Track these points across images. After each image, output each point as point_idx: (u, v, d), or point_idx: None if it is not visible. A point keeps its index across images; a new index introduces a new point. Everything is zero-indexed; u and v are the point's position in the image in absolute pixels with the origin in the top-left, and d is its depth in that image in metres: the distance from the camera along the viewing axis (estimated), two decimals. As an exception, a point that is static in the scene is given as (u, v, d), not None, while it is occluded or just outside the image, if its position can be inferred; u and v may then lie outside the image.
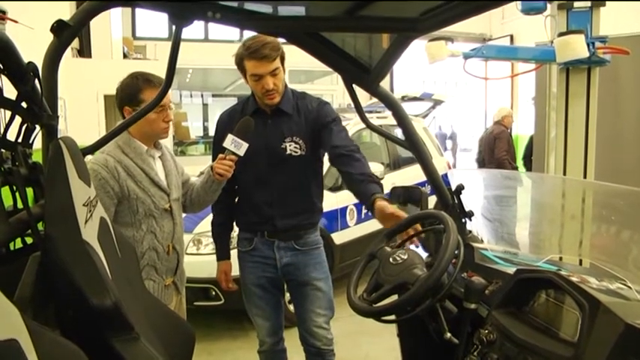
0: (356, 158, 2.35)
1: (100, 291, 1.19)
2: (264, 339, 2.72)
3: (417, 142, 2.10)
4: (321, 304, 2.61)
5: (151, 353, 1.28)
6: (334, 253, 4.85)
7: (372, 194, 2.15)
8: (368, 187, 2.21)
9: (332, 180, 5.01)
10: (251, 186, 2.55)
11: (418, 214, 1.86)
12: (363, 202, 2.22)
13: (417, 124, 6.15)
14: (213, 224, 2.74)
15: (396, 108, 2.04)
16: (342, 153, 2.38)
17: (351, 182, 2.35)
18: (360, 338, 4.10)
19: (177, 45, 1.53)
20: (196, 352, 1.69)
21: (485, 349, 1.56)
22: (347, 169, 2.35)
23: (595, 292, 1.38)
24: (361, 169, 2.31)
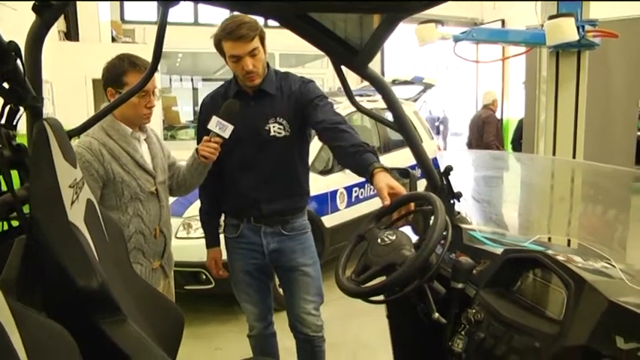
0: (342, 129, 2.25)
1: (86, 273, 1.19)
2: (253, 324, 2.73)
3: (405, 123, 2.09)
4: (310, 290, 2.60)
5: (138, 335, 1.28)
6: (325, 237, 4.85)
7: (369, 164, 2.00)
8: (363, 158, 2.06)
9: (322, 163, 5.01)
10: (236, 170, 2.52)
11: (406, 195, 1.85)
12: (361, 174, 2.07)
13: (408, 108, 6.15)
14: (201, 212, 2.72)
15: (384, 90, 2.03)
16: (326, 127, 2.30)
17: (343, 156, 2.23)
18: (350, 320, 4.12)
19: (163, 26, 1.51)
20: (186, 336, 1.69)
21: (473, 328, 1.57)
22: (337, 143, 2.25)
23: (580, 271, 1.39)
24: (351, 140, 2.18)
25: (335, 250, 4.84)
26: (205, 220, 2.71)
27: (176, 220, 3.96)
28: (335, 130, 2.27)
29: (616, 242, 1.71)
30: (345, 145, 2.19)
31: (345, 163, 2.28)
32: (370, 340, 3.84)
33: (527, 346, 1.37)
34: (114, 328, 1.22)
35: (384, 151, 5.96)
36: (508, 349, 1.42)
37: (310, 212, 3.90)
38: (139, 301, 1.56)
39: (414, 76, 7.24)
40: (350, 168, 2.22)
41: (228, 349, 3.80)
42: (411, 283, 1.56)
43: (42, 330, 0.96)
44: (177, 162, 2.52)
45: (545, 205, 2.24)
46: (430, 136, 7.15)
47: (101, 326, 1.20)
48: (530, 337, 1.38)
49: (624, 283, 1.36)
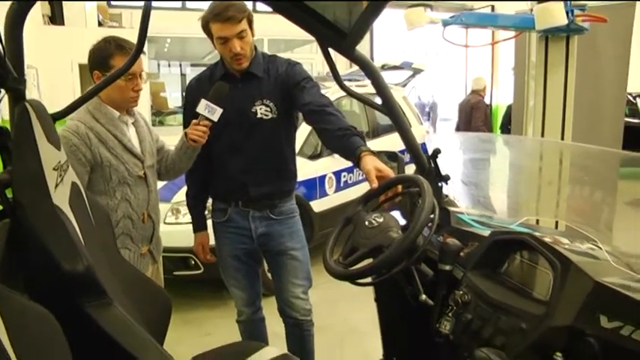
0: (329, 112, 2.25)
1: (71, 256, 1.18)
2: (241, 309, 2.73)
3: (393, 107, 2.08)
4: (298, 274, 2.60)
5: (124, 318, 1.27)
6: (313, 222, 4.86)
7: (356, 148, 2.01)
8: (350, 142, 2.07)
9: (311, 148, 5.00)
10: (223, 154, 2.51)
11: (394, 177, 1.85)
12: (348, 158, 2.08)
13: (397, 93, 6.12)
14: (188, 196, 2.71)
15: (372, 73, 2.02)
16: (313, 109, 2.30)
17: (329, 140, 2.24)
18: (339, 304, 4.14)
19: (148, 10, 1.49)
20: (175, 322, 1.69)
21: (460, 310, 1.58)
22: (322, 126, 2.25)
23: (567, 252, 1.40)
24: (338, 123, 2.19)
25: (324, 235, 4.85)
26: (192, 204, 2.70)
27: (164, 206, 3.94)
28: (321, 113, 2.27)
29: (603, 224, 1.73)
30: (331, 129, 2.20)
31: (332, 146, 2.29)
32: (359, 324, 3.86)
33: (514, 327, 1.38)
34: (99, 312, 1.21)
35: (372, 136, 5.96)
36: (495, 330, 1.43)
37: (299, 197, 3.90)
38: (125, 286, 1.55)
39: (403, 61, 7.22)
40: (337, 151, 2.22)
41: (217, 334, 3.80)
42: (399, 264, 1.56)
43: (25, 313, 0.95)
44: (165, 146, 2.50)
45: (533, 188, 2.24)
46: (419, 121, 7.14)
47: (86, 310, 1.20)
48: (516, 318, 1.39)
49: (609, 264, 1.38)
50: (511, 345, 1.37)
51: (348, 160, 2.08)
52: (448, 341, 1.60)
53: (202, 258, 2.71)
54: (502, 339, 1.40)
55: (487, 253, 1.63)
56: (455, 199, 2.13)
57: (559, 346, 1.27)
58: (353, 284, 1.68)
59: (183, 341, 3.62)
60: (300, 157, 4.54)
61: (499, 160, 2.53)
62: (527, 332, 1.34)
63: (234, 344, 2.03)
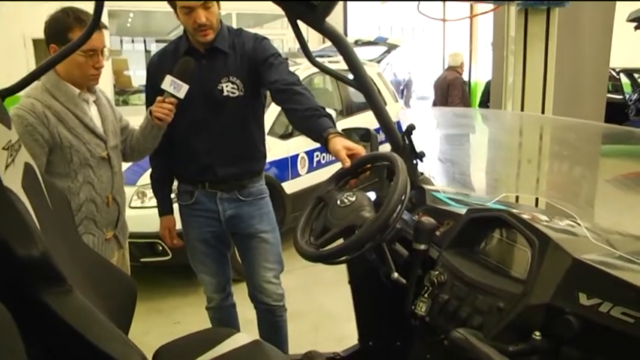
0: (296, 91, 2.23)
1: (25, 240, 1.15)
2: (211, 295, 2.72)
3: (366, 82, 2.07)
4: (269, 257, 2.59)
5: (86, 307, 1.25)
6: (285, 204, 4.85)
7: (323, 130, 2.01)
8: (318, 123, 2.07)
9: (282, 127, 4.97)
10: (188, 133, 2.47)
11: (367, 155, 1.85)
12: (315, 139, 2.08)
13: (371, 70, 6.13)
14: (152, 178, 2.68)
15: (344, 48, 2.00)
16: (280, 88, 2.28)
17: (297, 120, 2.23)
18: (314, 289, 4.16)
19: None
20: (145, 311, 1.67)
21: (436, 290, 1.59)
22: (290, 106, 2.24)
23: (545, 229, 1.42)
24: (306, 103, 2.18)
25: (296, 218, 4.77)
26: (157, 186, 2.67)
27: (129, 189, 3.88)
28: (289, 92, 2.25)
29: (583, 200, 1.74)
30: (299, 109, 2.19)
31: (299, 127, 2.28)
32: (334, 309, 3.88)
33: (492, 306, 1.39)
34: (58, 300, 1.19)
35: (346, 114, 5.96)
36: (472, 310, 1.44)
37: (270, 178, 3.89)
38: (87, 273, 1.53)
39: (378, 37, 7.20)
40: (304, 132, 2.21)
41: (187, 323, 3.78)
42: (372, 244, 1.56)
43: None
44: (129, 125, 2.46)
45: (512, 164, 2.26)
46: (394, 98, 7.15)
47: (44, 298, 1.17)
48: (494, 297, 1.40)
49: (589, 241, 1.39)
50: (488, 325, 1.38)
51: (316, 141, 2.08)
52: (424, 323, 1.62)
53: (169, 243, 2.69)
54: (479, 319, 1.41)
55: (463, 232, 1.65)
56: (430, 177, 2.14)
57: (537, 325, 1.28)
58: (325, 264, 1.68)
59: (151, 331, 3.60)
60: (271, 136, 4.54)
61: (477, 136, 2.54)
62: (504, 311, 1.35)
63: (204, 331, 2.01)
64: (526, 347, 1.28)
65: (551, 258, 1.33)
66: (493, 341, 1.30)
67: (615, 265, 1.28)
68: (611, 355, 1.21)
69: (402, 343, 2.07)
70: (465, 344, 1.25)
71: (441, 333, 1.53)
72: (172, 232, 2.67)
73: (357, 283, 2.11)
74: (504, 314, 1.35)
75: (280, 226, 2.70)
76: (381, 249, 1.61)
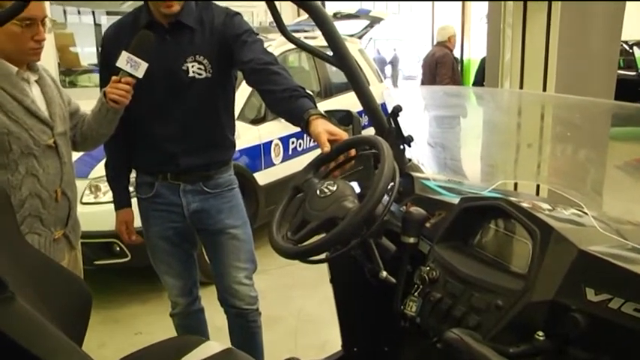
0: (273, 71, 2.22)
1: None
2: (176, 300, 2.70)
3: (347, 59, 2.07)
4: (240, 255, 2.58)
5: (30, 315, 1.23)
6: (259, 196, 4.85)
7: (304, 111, 2.00)
8: (297, 104, 2.07)
9: (253, 111, 4.96)
10: (147, 118, 2.44)
11: (349, 139, 1.85)
12: (296, 122, 2.07)
13: (352, 46, 6.12)
14: (107, 167, 2.65)
15: (323, 21, 2.00)
16: (255, 68, 2.26)
17: (275, 102, 2.23)
18: (292, 292, 4.16)
19: None
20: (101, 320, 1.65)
21: (427, 288, 1.59)
22: (266, 87, 2.23)
23: (547, 218, 1.42)
24: (283, 83, 2.17)
25: (271, 212, 4.78)
26: (112, 176, 2.64)
27: (81, 182, 3.82)
28: (265, 72, 2.24)
29: (590, 187, 1.75)
30: (276, 89, 2.18)
31: (277, 110, 2.30)
32: (314, 313, 3.89)
33: (489, 304, 1.40)
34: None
35: (325, 96, 5.97)
36: (468, 309, 1.45)
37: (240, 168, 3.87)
38: (33, 277, 1.51)
39: (360, 9, 7.20)
40: (282, 115, 2.22)
41: (149, 333, 3.77)
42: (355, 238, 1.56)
43: None
44: (80, 109, 2.42)
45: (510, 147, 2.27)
46: (378, 78, 7.16)
47: None
48: (492, 294, 1.41)
49: (596, 231, 1.40)
50: (486, 325, 1.39)
51: (295, 125, 2.08)
52: (414, 325, 1.62)
53: (126, 239, 2.66)
54: (476, 318, 1.42)
55: (456, 223, 1.65)
56: (419, 164, 2.14)
57: (540, 324, 1.29)
58: (304, 263, 1.68)
59: (108, 343, 3.59)
60: (241, 121, 4.52)
61: (470, 117, 2.55)
62: (503, 310, 1.36)
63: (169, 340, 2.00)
64: (528, 348, 1.29)
65: (555, 250, 1.33)
66: (492, 342, 1.31)
67: (626, 257, 1.29)
68: (621, 355, 1.23)
69: (390, 347, 2.08)
70: (461, 345, 1.25)
71: (434, 335, 1.53)
72: (130, 227, 2.64)
73: (340, 282, 2.12)
74: (503, 313, 1.36)
75: (253, 221, 2.70)
76: (367, 244, 1.61)
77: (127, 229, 2.64)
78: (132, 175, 2.65)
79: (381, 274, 1.60)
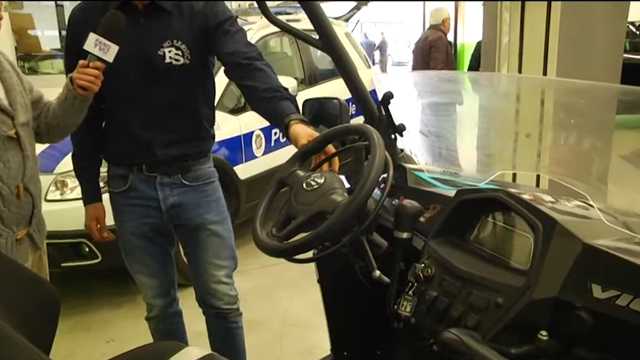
0: (257, 68, 2.27)
1: None
2: (152, 302, 2.69)
3: (334, 42, 2.08)
4: (220, 252, 2.59)
5: (-8, 323, 1.22)
6: (239, 191, 4.86)
7: (285, 115, 2.08)
8: (279, 107, 2.13)
9: (232, 100, 4.95)
10: (121, 106, 2.43)
11: (337, 128, 1.85)
12: (275, 125, 2.15)
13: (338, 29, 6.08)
14: (75, 158, 2.62)
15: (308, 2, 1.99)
16: (237, 62, 2.30)
17: (255, 101, 2.28)
18: (276, 293, 4.17)
19: None
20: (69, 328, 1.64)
21: (423, 286, 1.60)
22: (249, 83, 2.28)
23: (550, 210, 1.43)
24: (267, 82, 2.23)
25: (252, 208, 4.81)
26: (81, 167, 2.61)
27: (46, 178, 3.81)
28: (248, 67, 2.28)
29: (595, 177, 1.76)
30: (258, 87, 2.23)
31: (257, 108, 2.31)
32: (300, 315, 3.91)
33: (489, 302, 1.40)
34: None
35: (309, 83, 5.97)
36: (466, 308, 1.45)
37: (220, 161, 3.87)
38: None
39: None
40: (261, 114, 2.27)
41: (122, 340, 3.76)
42: (345, 235, 1.56)
43: None
44: (43, 97, 2.40)
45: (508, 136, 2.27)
46: (366, 64, 7.17)
47: None
48: (491, 292, 1.42)
49: (602, 224, 1.41)
50: (486, 324, 1.39)
51: (274, 127, 2.18)
52: (409, 325, 1.63)
53: (97, 236, 2.64)
54: (475, 318, 1.42)
55: (453, 217, 1.66)
56: (412, 154, 2.15)
57: (543, 323, 1.30)
58: (290, 261, 1.67)
59: (78, 352, 3.58)
60: (220, 111, 4.50)
61: (466, 104, 2.55)
62: (504, 308, 1.37)
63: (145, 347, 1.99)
64: (531, 349, 1.29)
65: (558, 244, 1.34)
66: (492, 343, 1.31)
67: (634, 251, 1.30)
68: (630, 355, 1.23)
69: (382, 351, 2.09)
70: (460, 346, 1.25)
71: (430, 336, 1.54)
72: (101, 223, 2.63)
73: (328, 282, 2.12)
74: (504, 311, 1.36)
75: (233, 218, 2.70)
76: (358, 241, 1.61)
77: (98, 225, 2.62)
78: (103, 170, 2.63)
79: (374, 273, 1.61)
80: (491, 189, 1.66)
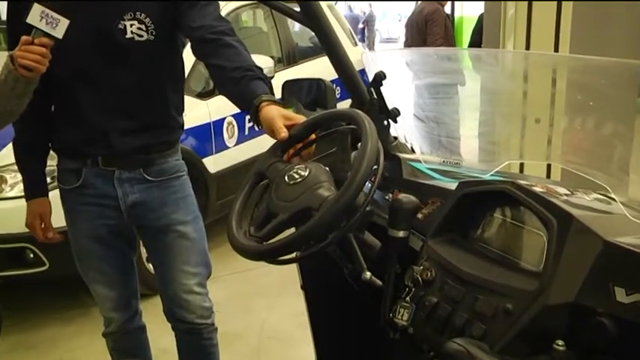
0: (226, 44, 2.24)
1: None
2: (110, 315, 2.66)
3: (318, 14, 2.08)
4: (190, 257, 2.57)
5: None
6: (209, 187, 4.85)
7: (255, 96, 2.04)
8: (249, 87, 2.09)
9: (200, 82, 4.95)
10: (73, 89, 2.39)
11: (326, 113, 1.86)
12: (244, 108, 2.11)
13: (320, 1, 6.12)
14: (17, 146, 2.59)
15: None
16: (205, 37, 2.27)
17: (222, 83, 2.27)
18: (252, 303, 4.16)
19: None
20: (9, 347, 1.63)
21: (421, 291, 1.61)
22: (215, 62, 2.25)
23: (565, 204, 1.44)
24: (236, 60, 2.19)
25: (225, 206, 4.84)
26: (23, 157, 2.58)
27: (-21, 174, 3.82)
28: (216, 44, 2.26)
29: (616, 166, 1.76)
30: (227, 66, 2.20)
31: (224, 90, 2.30)
32: (281, 327, 3.92)
33: (497, 309, 1.41)
34: None
35: (287, 63, 5.97)
36: (471, 316, 1.46)
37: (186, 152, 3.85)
38: None
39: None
40: (229, 97, 2.25)
41: (75, 359, 3.76)
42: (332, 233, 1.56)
43: None
44: None
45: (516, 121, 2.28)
46: (352, 41, 7.17)
47: None
48: (499, 296, 1.43)
49: (626, 219, 1.42)
50: (494, 333, 1.40)
51: (243, 109, 2.13)
52: (406, 336, 1.64)
53: (40, 237, 2.61)
54: (481, 327, 1.43)
55: (454, 213, 1.67)
56: (407, 142, 2.15)
57: (559, 332, 1.31)
58: (271, 263, 1.67)
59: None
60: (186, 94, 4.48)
61: (468, 85, 2.56)
62: (514, 315, 1.37)
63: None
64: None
65: (576, 242, 1.35)
66: (501, 354, 1.32)
67: None
68: None
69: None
70: (466, 359, 1.26)
71: (430, 348, 1.55)
72: (46, 222, 2.59)
73: (313, 289, 2.12)
74: (514, 319, 1.37)
75: (202, 216, 2.68)
76: (347, 240, 1.61)
77: (43, 223, 2.59)
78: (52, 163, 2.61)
79: (364, 275, 1.61)
80: (497, 181, 1.68)
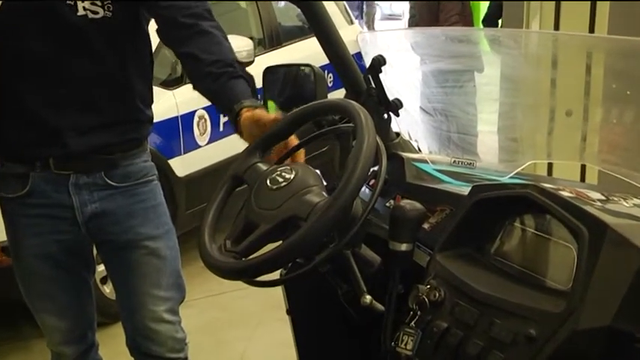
0: (203, 30, 2.25)
1: None
2: (60, 350, 2.64)
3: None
4: (161, 279, 2.56)
5: None
6: (176, 193, 4.86)
7: (236, 101, 2.08)
8: (229, 87, 2.14)
9: (166, 69, 4.94)
10: (17, 79, 2.39)
11: (311, 105, 1.86)
12: (222, 111, 2.17)
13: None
14: None
15: None
16: (176, 20, 2.28)
17: (198, 76, 2.29)
18: (229, 331, 4.16)
19: None
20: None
21: (428, 315, 1.60)
22: (189, 51, 2.26)
23: (599, 212, 1.45)
24: (215, 52, 2.22)
25: (195, 216, 4.86)
26: None
27: None
28: (191, 30, 2.27)
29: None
30: (204, 59, 2.22)
31: (199, 86, 2.32)
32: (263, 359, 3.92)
33: (517, 334, 1.41)
34: None
35: (270, 45, 5.95)
36: (487, 344, 1.46)
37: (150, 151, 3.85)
38: None
39: None
40: (204, 94, 2.29)
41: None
42: (324, 248, 1.57)
43: None
44: None
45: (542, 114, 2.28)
46: (347, 18, 7.18)
47: None
48: (520, 320, 1.43)
49: None
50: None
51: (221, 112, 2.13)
52: None
53: None
54: (499, 356, 1.43)
55: (467, 222, 1.68)
56: (412, 139, 2.16)
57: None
58: (251, 285, 1.68)
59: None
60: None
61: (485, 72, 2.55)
62: (539, 342, 1.38)
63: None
64: None
65: (611, 256, 1.35)
66: None
67: None
68: None
69: None
70: None
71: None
72: None
73: (302, 314, 2.13)
74: (539, 346, 1.38)
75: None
76: (341, 257, 1.62)
77: None
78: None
79: (364, 299, 1.62)
80: (518, 184, 1.68)
